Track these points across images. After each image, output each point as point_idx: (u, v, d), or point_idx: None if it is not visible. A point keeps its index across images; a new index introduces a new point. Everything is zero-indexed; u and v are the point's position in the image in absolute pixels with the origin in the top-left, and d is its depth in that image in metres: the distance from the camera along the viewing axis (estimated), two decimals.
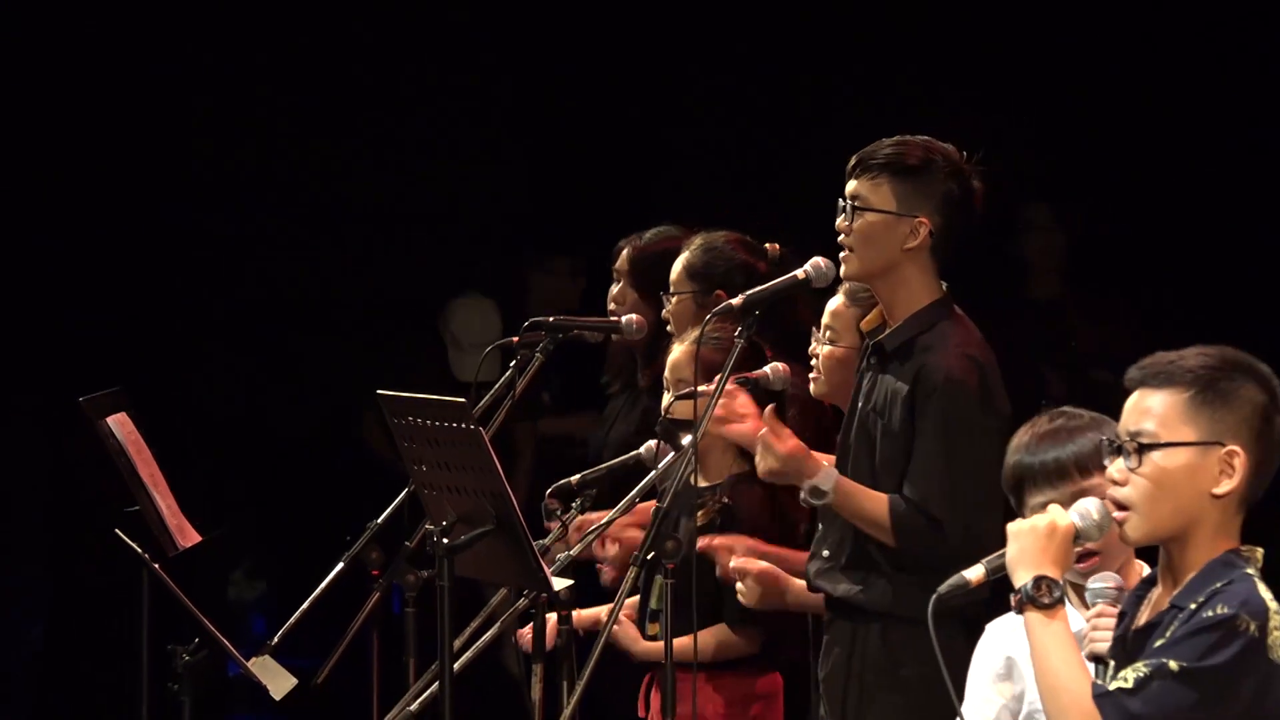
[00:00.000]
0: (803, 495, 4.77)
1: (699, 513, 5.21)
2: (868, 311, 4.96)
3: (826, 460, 4.92)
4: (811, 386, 5.23)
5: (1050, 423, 3.90)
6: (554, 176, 9.08)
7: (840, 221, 4.82)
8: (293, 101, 9.16)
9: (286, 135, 9.15)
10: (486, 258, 9.01)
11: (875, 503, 4.80)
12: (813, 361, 5.25)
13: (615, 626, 4.94)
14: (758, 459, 4.75)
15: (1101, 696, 3.31)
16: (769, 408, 4.79)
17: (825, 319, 5.22)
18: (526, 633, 5.29)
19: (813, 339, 5.27)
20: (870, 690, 4.78)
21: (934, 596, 3.44)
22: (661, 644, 4.87)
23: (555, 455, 7.90)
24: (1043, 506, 3.60)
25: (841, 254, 4.83)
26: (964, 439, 4.72)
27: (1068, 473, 3.83)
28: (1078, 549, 3.49)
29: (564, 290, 8.46)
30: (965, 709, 3.97)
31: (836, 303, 5.16)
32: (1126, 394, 3.39)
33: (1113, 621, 3.51)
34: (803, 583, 4.88)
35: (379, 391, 4.81)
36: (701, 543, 4.88)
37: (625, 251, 6.22)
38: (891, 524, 4.75)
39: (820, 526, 5.04)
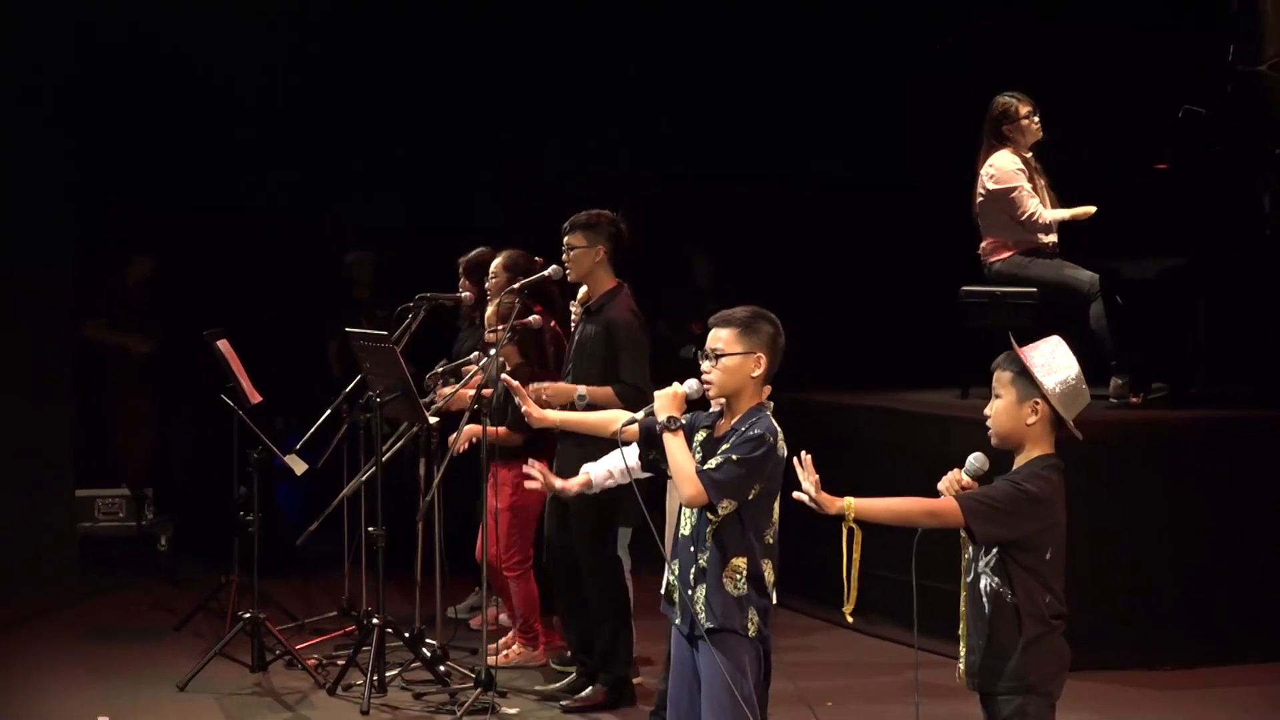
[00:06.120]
0: (576, 402, 5.71)
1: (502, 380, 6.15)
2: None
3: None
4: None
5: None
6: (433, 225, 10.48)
7: (566, 256, 6.64)
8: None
9: None
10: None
11: (607, 391, 6.36)
12: (573, 322, 6.76)
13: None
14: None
15: (700, 473, 4.31)
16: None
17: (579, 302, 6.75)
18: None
19: (571, 306, 6.86)
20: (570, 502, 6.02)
21: (618, 427, 4.59)
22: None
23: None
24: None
25: (567, 269, 6.64)
26: (642, 347, 6.60)
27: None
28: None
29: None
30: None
31: (583, 292, 6.72)
32: (709, 329, 4.49)
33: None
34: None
35: (346, 329, 6.85)
36: (512, 382, 5.26)
37: (463, 263, 7.85)
38: (618, 399, 6.28)
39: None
